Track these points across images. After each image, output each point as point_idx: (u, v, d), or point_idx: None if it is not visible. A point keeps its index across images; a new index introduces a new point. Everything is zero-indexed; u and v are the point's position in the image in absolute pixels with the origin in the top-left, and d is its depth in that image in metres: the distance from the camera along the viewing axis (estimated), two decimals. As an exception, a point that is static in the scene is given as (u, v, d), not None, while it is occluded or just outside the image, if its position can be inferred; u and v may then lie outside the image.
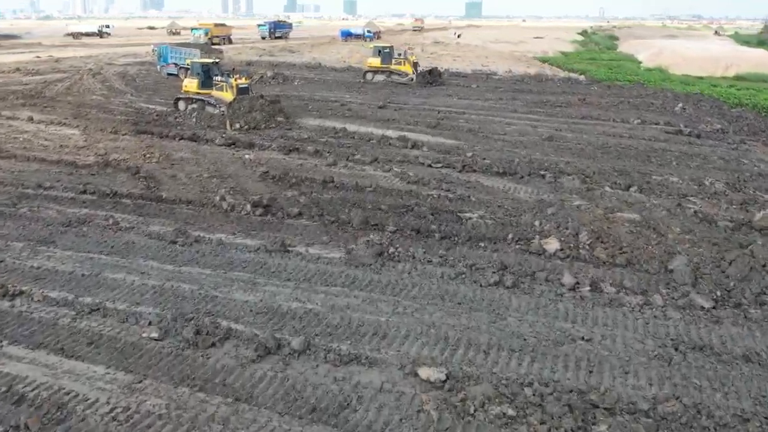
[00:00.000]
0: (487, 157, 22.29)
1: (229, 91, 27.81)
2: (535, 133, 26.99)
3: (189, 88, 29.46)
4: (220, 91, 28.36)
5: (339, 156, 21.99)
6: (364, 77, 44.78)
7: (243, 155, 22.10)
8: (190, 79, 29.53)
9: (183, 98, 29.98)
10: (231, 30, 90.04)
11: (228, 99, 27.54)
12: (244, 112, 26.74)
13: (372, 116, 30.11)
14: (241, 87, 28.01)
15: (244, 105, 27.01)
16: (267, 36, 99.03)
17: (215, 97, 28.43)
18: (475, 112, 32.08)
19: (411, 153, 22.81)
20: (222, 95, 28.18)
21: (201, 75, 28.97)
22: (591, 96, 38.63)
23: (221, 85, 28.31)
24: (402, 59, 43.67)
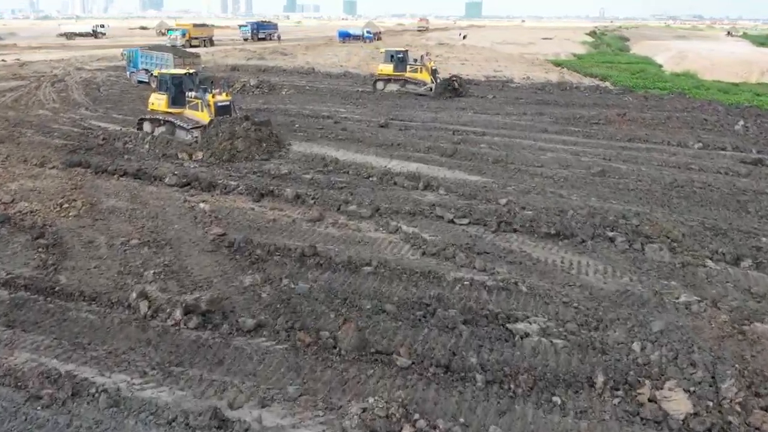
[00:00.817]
0: (527, 204, 16.52)
1: (205, 111, 21.93)
2: (579, 163, 21.22)
3: (156, 106, 23.46)
4: (194, 111, 22.43)
5: (327, 204, 16.23)
6: (374, 87, 38.54)
7: (197, 203, 16.31)
8: (158, 95, 23.58)
9: (149, 119, 23.77)
10: (213, 31, 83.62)
11: (204, 121, 21.71)
12: (222, 140, 20.78)
13: (372, 139, 24.32)
14: (220, 105, 22.09)
15: (224, 130, 21.03)
16: (249, 38, 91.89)
17: (188, 118, 22.50)
18: (496, 132, 26.30)
19: (424, 198, 17.03)
20: (196, 115, 22.32)
21: (171, 89, 23.00)
22: (628, 109, 32.86)
23: (196, 103, 22.35)
24: (419, 66, 37.41)
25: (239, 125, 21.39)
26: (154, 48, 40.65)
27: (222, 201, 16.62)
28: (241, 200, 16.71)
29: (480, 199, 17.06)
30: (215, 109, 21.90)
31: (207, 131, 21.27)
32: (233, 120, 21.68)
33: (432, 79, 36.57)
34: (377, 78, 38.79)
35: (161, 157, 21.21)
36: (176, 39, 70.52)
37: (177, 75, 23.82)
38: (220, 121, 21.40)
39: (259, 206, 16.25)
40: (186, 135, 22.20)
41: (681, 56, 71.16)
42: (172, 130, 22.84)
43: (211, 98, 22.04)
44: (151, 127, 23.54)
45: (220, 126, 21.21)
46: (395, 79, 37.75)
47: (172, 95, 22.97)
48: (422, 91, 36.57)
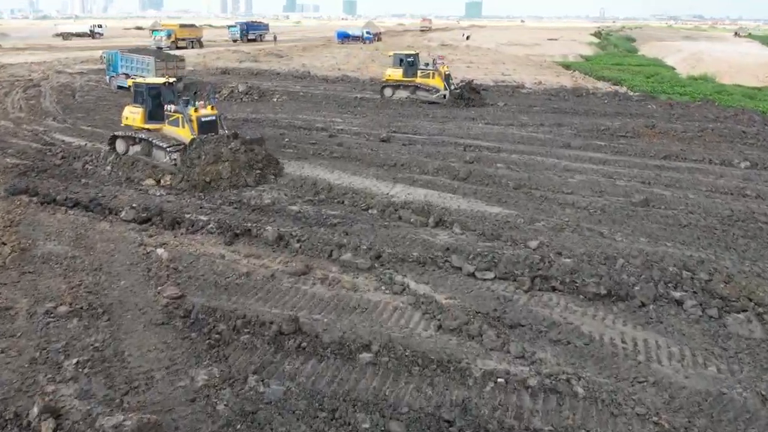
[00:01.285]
0: (563, 248, 13.36)
1: (187, 127, 18.33)
2: (614, 188, 18.07)
3: (131, 121, 19.85)
4: (174, 127, 18.82)
5: (316, 249, 13.07)
6: (381, 94, 35.02)
7: (155, 248, 13.14)
8: (133, 108, 19.94)
9: (123, 136, 19.92)
10: (202, 32, 79.29)
11: (186, 139, 18.28)
12: (205, 164, 17.33)
13: (371, 157, 21.17)
14: (204, 120, 18.42)
15: (207, 151, 17.51)
16: (239, 38, 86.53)
17: (167, 136, 18.91)
18: (513, 148, 23.14)
19: (436, 239, 13.86)
20: (177, 133, 18.69)
21: (148, 102, 19.48)
22: (655, 119, 29.73)
23: (176, 118, 18.74)
24: (431, 71, 33.78)
25: (226, 145, 17.79)
26: (135, 50, 37.46)
27: (186, 244, 13.45)
28: (210, 243, 13.54)
29: (504, 239, 13.89)
30: (198, 125, 18.19)
31: (187, 153, 17.65)
32: (219, 139, 17.96)
33: (445, 86, 33.11)
34: (385, 84, 35.29)
35: (124, 181, 18.06)
36: (161, 40, 67.00)
37: (154, 85, 20.08)
38: (204, 141, 17.70)
39: (232, 252, 13.09)
40: (164, 156, 18.56)
41: (695, 58, 68.01)
42: (148, 149, 19.18)
43: (193, 112, 18.34)
44: (125, 145, 19.75)
45: (203, 146, 17.55)
46: (405, 85, 34.29)
47: (148, 108, 19.41)
48: (435, 98, 33.13)
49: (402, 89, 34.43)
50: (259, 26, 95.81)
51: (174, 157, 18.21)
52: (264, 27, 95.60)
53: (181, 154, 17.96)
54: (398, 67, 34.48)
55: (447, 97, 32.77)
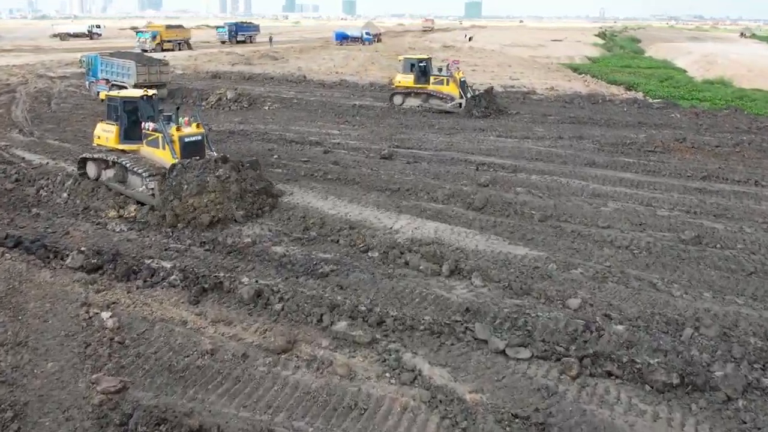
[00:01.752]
0: (612, 309, 10.70)
1: (168, 149, 15.52)
2: (656, 220, 15.40)
3: (103, 141, 16.97)
4: (153, 148, 15.99)
5: (302, 312, 10.39)
6: (390, 102, 32.16)
7: (101, 310, 10.45)
8: (106, 126, 16.97)
9: (94, 159, 17.03)
10: (190, 33, 75.33)
11: (167, 163, 15.36)
12: (188, 195, 14.34)
13: (372, 178, 18.51)
14: (188, 141, 15.64)
15: (190, 180, 14.51)
16: (227, 40, 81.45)
17: (146, 159, 16.07)
18: (531, 166, 20.48)
19: (452, 295, 11.18)
20: (157, 155, 15.89)
21: (123, 119, 16.62)
22: (683, 130, 27.12)
23: (155, 138, 15.89)
24: (445, 77, 30.88)
25: (213, 172, 14.79)
26: (117, 54, 34.77)
27: (141, 303, 10.76)
28: (170, 301, 10.85)
29: (536, 295, 11.21)
30: (181, 146, 15.41)
31: (166, 180, 14.69)
32: (205, 164, 14.95)
33: (461, 93, 30.19)
34: (395, 91, 32.38)
35: (81, 212, 15.37)
36: (145, 42, 63.88)
37: (130, 99, 16.90)
38: (186, 167, 14.65)
39: (197, 315, 10.40)
40: (141, 184, 15.65)
41: (707, 60, 65.39)
42: (123, 175, 16.22)
43: (174, 131, 15.51)
44: (96, 169, 16.84)
45: (185, 173, 14.57)
46: (416, 92, 31.41)
47: (124, 126, 16.56)
48: (450, 107, 30.19)
49: (413, 97, 31.51)
50: (249, 27, 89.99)
51: (151, 187, 15.15)
52: (254, 28, 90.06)
53: (160, 183, 14.91)
54: (409, 72, 31.50)
55: (463, 106, 29.82)
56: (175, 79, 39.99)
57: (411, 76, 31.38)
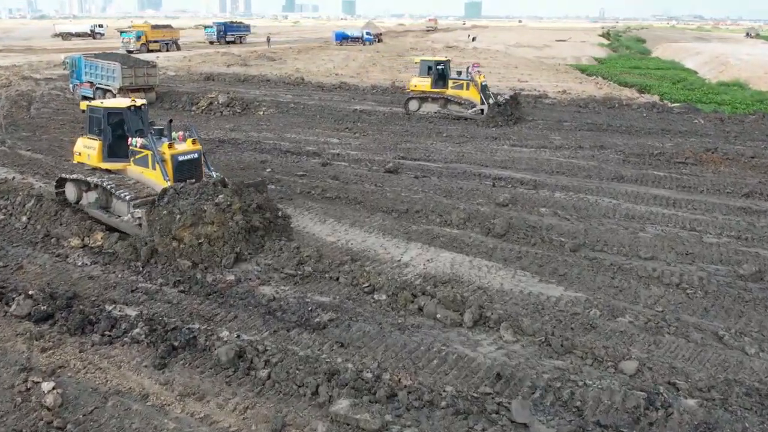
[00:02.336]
0: (675, 373, 8.68)
1: (159, 169, 13.25)
2: (704, 248, 13.33)
3: (85, 158, 14.56)
4: (141, 168, 13.73)
5: (293, 382, 8.29)
6: (405, 108, 29.71)
7: (42, 379, 8.38)
8: (88, 141, 14.51)
9: (74, 179, 14.59)
10: (178, 33, 71.57)
11: (157, 186, 13.23)
12: (181, 227, 11.96)
13: (376, 197, 16.45)
14: (182, 161, 13.41)
15: (184, 208, 12.09)
16: (215, 40, 77.09)
17: (132, 181, 13.84)
18: (553, 181, 18.41)
19: (477, 354, 9.10)
20: (146, 176, 13.68)
21: (107, 133, 14.17)
22: (710, 137, 25.07)
23: (144, 156, 13.59)
24: (464, 80, 28.57)
25: (212, 199, 12.37)
26: (101, 55, 32.67)
27: (94, 368, 8.67)
28: (131, 364, 8.76)
29: (581, 354, 9.14)
30: (174, 166, 13.21)
31: (155, 208, 12.41)
32: (202, 188, 12.61)
33: (482, 99, 27.87)
34: (410, 96, 29.92)
35: (41, 240, 13.27)
36: (129, 43, 61.02)
37: (115, 110, 14.34)
38: (180, 192, 12.39)
39: (161, 385, 8.31)
40: (127, 212, 13.31)
41: (719, 62, 63.32)
42: (106, 199, 13.99)
43: (166, 149, 13.22)
44: (76, 191, 14.58)
45: (177, 200, 12.24)
46: (434, 97, 29.06)
47: (107, 141, 14.18)
48: (470, 114, 27.86)
49: (430, 102, 29.15)
50: (239, 27, 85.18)
51: (138, 215, 12.85)
52: (244, 28, 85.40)
53: (148, 212, 12.56)
54: (426, 76, 29.10)
55: (485, 113, 27.49)
56: (166, 81, 37.94)
57: (428, 79, 28.96)
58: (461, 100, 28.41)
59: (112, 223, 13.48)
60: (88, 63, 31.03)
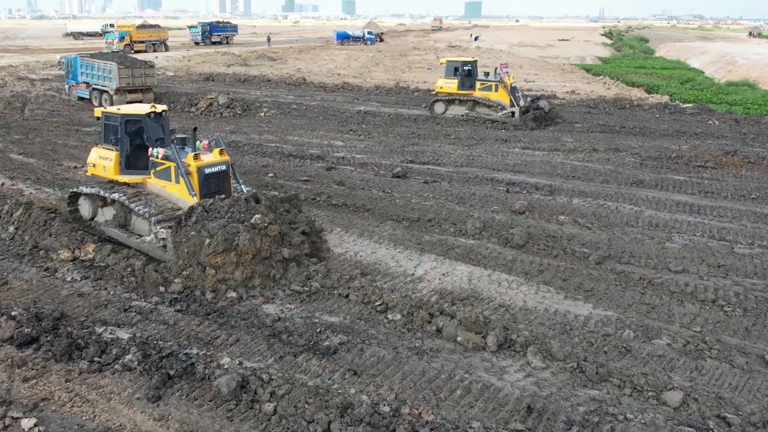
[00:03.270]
0: (722, 404, 7.85)
1: (183, 183, 11.84)
2: (736, 260, 12.49)
3: (100, 170, 13.09)
4: (163, 181, 12.31)
5: (302, 417, 7.40)
6: (430, 110, 28.72)
7: (22, 415, 7.54)
8: (103, 151, 13.06)
9: (89, 194, 13.05)
10: (166, 34, 68.99)
11: (183, 200, 11.95)
12: (213, 253, 10.54)
13: (385, 203, 15.61)
14: (209, 173, 12.00)
15: (215, 230, 10.69)
16: (201, 41, 74.71)
17: (155, 195, 12.47)
18: (569, 186, 17.56)
19: (504, 385, 8.23)
20: (168, 190, 12.29)
21: (125, 143, 12.71)
22: (727, 139, 24.22)
23: (166, 168, 12.11)
24: (493, 82, 27.29)
25: (244, 218, 11.05)
26: (97, 55, 31.81)
27: (81, 400, 7.83)
28: (122, 396, 7.91)
29: (618, 383, 8.28)
30: (200, 179, 11.81)
31: (182, 228, 11.02)
32: (234, 205, 11.32)
33: (512, 101, 26.69)
34: (436, 98, 28.78)
35: (28, 252, 12.43)
36: (113, 43, 59.09)
37: (133, 116, 12.70)
38: (210, 210, 11.12)
39: (155, 421, 7.46)
40: (149, 230, 11.95)
41: (726, 61, 62.51)
42: (124, 216, 12.63)
43: (191, 160, 11.81)
44: (91, 207, 13.14)
45: (208, 221, 10.90)
46: (461, 99, 27.90)
47: (125, 152, 12.76)
48: (500, 117, 26.66)
49: (457, 104, 28.05)
50: (226, 27, 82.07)
51: (162, 236, 11.42)
52: (231, 28, 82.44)
53: (174, 232, 11.15)
54: (452, 77, 27.91)
55: (516, 116, 26.30)
56: (165, 81, 37.11)
57: (454, 81, 27.78)
58: (490, 102, 27.21)
59: (132, 244, 12.09)
60: (84, 63, 30.17)
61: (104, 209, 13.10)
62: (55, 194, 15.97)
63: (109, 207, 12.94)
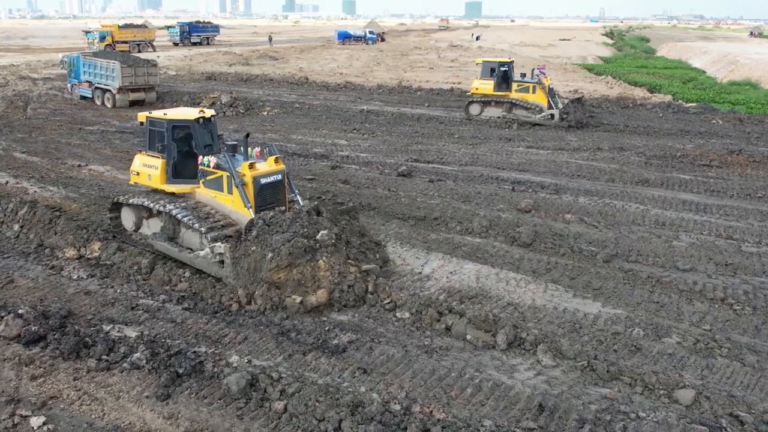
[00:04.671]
0: (735, 403, 7.82)
1: (237, 194, 11.22)
2: (744, 259, 12.46)
3: (144, 179, 12.48)
4: (214, 192, 11.69)
5: (312, 416, 7.36)
6: (466, 111, 28.14)
7: (31, 413, 7.49)
8: (148, 158, 12.41)
9: (132, 204, 12.51)
10: (153, 34, 67.16)
11: (238, 213, 11.39)
12: (276, 269, 9.94)
13: (390, 202, 15.57)
14: (265, 183, 11.35)
15: (276, 245, 10.07)
16: (179, 42, 72.95)
17: (205, 206, 11.79)
18: (575, 185, 17.52)
19: (515, 383, 8.19)
20: (220, 201, 11.67)
21: (171, 150, 12.09)
22: (731, 138, 24.19)
23: (218, 177, 11.51)
24: (530, 83, 27.00)
25: (306, 231, 10.46)
26: (100, 54, 31.80)
27: (90, 398, 7.79)
28: (131, 394, 7.86)
29: (629, 381, 8.23)
30: (256, 190, 11.19)
31: (242, 243, 10.46)
32: (295, 219, 10.62)
33: (550, 103, 26.36)
34: (471, 99, 28.24)
35: (33, 250, 12.39)
36: (93, 43, 57.78)
37: (181, 122, 12.06)
38: (270, 224, 10.44)
39: (164, 419, 7.41)
40: (201, 245, 11.30)
41: (728, 61, 62.44)
42: (173, 228, 11.97)
43: (246, 169, 11.16)
44: (135, 217, 12.69)
45: (270, 236, 10.23)
46: (498, 101, 27.46)
47: (172, 160, 12.14)
48: (539, 119, 26.20)
49: (493, 106, 27.61)
50: (206, 27, 79.80)
51: (219, 251, 10.67)
52: (212, 28, 79.95)
53: (233, 247, 10.47)
54: (488, 78, 27.45)
55: (556, 118, 25.86)
56: (167, 80, 37.08)
57: (490, 82, 27.33)
58: (528, 104, 26.80)
59: (185, 260, 11.21)
60: (87, 62, 30.15)
61: (149, 220, 12.54)
62: (59, 193, 15.94)
63: (155, 218, 12.38)
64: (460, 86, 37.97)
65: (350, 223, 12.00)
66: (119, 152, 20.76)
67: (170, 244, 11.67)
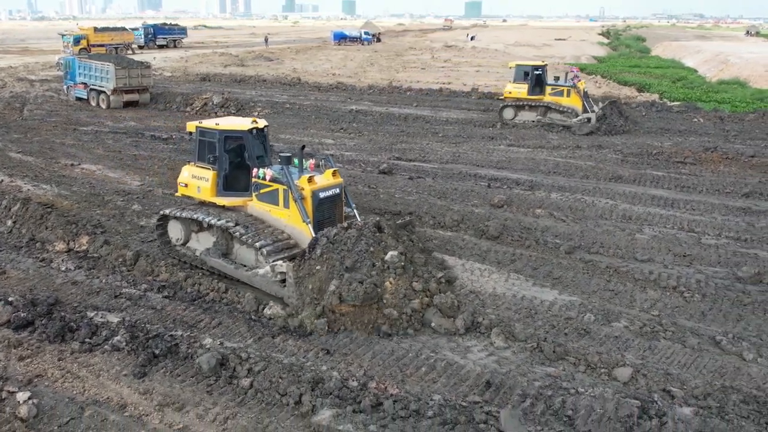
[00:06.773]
0: (670, 379, 8.46)
1: (294, 208, 10.75)
2: (703, 250, 13.09)
3: (193, 191, 12.00)
4: (268, 205, 11.21)
5: (276, 391, 8.00)
6: (500, 115, 27.87)
7: (17, 389, 8.14)
8: (197, 169, 11.92)
9: (181, 218, 11.87)
10: (131, 37, 65.56)
11: (298, 231, 10.92)
12: (339, 306, 9.48)
13: (369, 198, 16.21)
14: (324, 197, 10.99)
15: (351, 281, 9.51)
16: (144, 44, 70.46)
17: (258, 220, 11.30)
18: (550, 181, 18.17)
19: (467, 363, 8.83)
20: (274, 216, 11.16)
21: (224, 160, 11.56)
22: (709, 136, 24.81)
23: (273, 191, 11.00)
24: (565, 87, 26.72)
25: (377, 251, 10.06)
26: (95, 57, 32.47)
27: (72, 376, 8.43)
28: (111, 373, 8.51)
29: (573, 360, 8.88)
30: (314, 205, 10.78)
31: (305, 262, 10.01)
32: (360, 237, 10.11)
33: (585, 106, 26.16)
34: (505, 103, 27.96)
35: (25, 244, 13.05)
36: (67, 47, 56.92)
37: (233, 132, 11.54)
38: (334, 241, 10.04)
39: (140, 395, 8.07)
40: (258, 263, 10.89)
41: (719, 60, 63.02)
42: (226, 245, 11.41)
43: (305, 183, 10.76)
44: (184, 231, 11.98)
45: (335, 253, 9.90)
46: (531, 104, 27.33)
47: (224, 171, 11.61)
48: (575, 123, 25.84)
49: (527, 110, 27.43)
50: (172, 30, 77.74)
51: (281, 269, 10.18)
52: (179, 31, 77.67)
53: (297, 266, 10.04)
54: (522, 81, 27.28)
55: (593, 121, 25.47)
56: (161, 82, 37.75)
57: (524, 85, 27.19)
58: (562, 107, 26.67)
59: (242, 278, 10.81)
60: (82, 64, 30.82)
61: (199, 234, 11.91)
62: (52, 190, 16.59)
63: (205, 232, 11.77)
64: (449, 86, 38.59)
65: (411, 239, 11.45)
66: (111, 152, 21.42)
67: (225, 260, 11.22)
